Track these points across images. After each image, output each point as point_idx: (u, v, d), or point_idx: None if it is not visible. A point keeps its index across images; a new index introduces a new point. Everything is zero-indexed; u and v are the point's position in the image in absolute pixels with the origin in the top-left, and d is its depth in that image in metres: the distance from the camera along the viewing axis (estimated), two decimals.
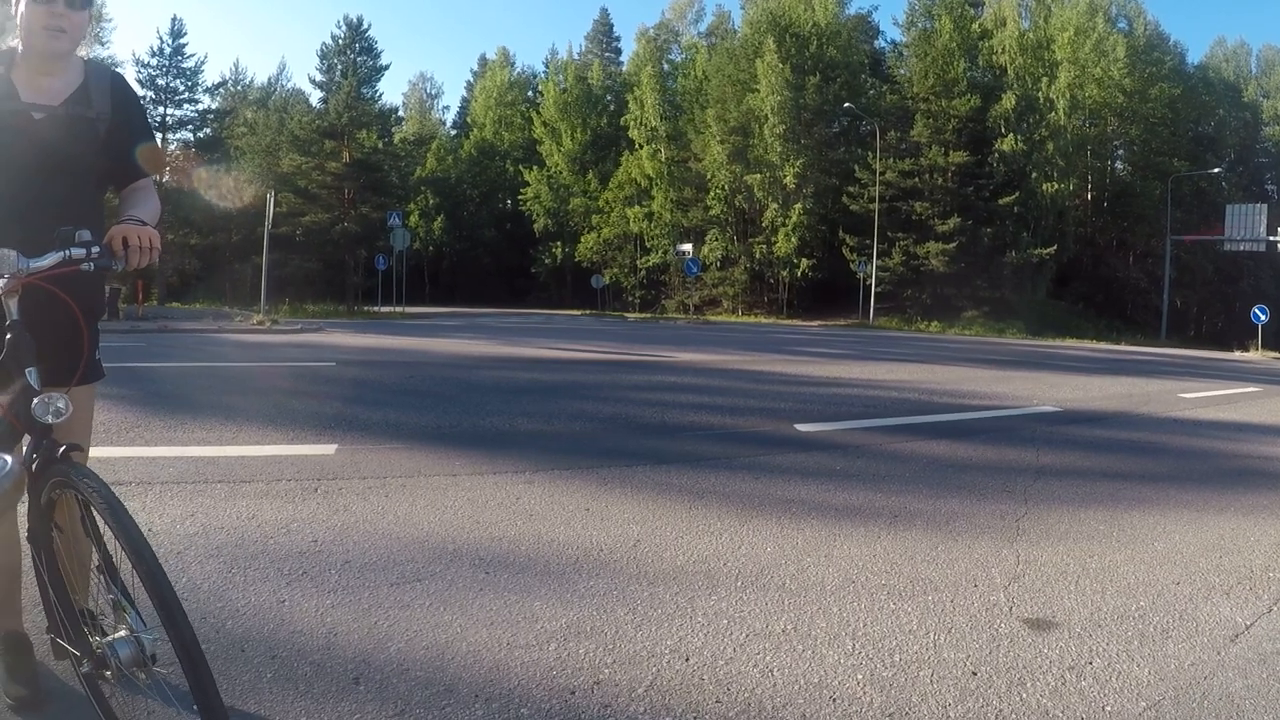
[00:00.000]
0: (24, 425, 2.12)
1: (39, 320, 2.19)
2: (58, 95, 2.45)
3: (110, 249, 2.23)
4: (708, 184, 57.87)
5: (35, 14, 2.32)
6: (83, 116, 2.47)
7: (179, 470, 5.51)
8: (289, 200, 50.03)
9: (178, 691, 2.02)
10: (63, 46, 2.41)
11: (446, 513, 4.76)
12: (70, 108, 2.46)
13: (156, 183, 2.81)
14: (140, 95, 2.93)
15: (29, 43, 2.37)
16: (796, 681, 2.79)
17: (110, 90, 2.57)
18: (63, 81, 2.47)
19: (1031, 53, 52.56)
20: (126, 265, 2.27)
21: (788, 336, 27.04)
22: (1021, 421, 8.70)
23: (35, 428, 2.10)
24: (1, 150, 2.32)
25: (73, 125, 2.45)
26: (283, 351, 15.60)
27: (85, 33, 2.51)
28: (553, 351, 16.73)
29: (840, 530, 4.58)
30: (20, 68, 2.40)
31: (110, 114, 2.54)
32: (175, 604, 1.88)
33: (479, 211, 79.51)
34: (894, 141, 50.89)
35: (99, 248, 2.20)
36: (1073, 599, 3.57)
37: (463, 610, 3.33)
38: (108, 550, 2.06)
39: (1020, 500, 5.30)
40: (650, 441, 7.13)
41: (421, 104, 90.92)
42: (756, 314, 53.94)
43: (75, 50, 2.49)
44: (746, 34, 59.27)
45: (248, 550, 3.97)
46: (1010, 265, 48.77)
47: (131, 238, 2.24)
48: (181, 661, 1.84)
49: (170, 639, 1.84)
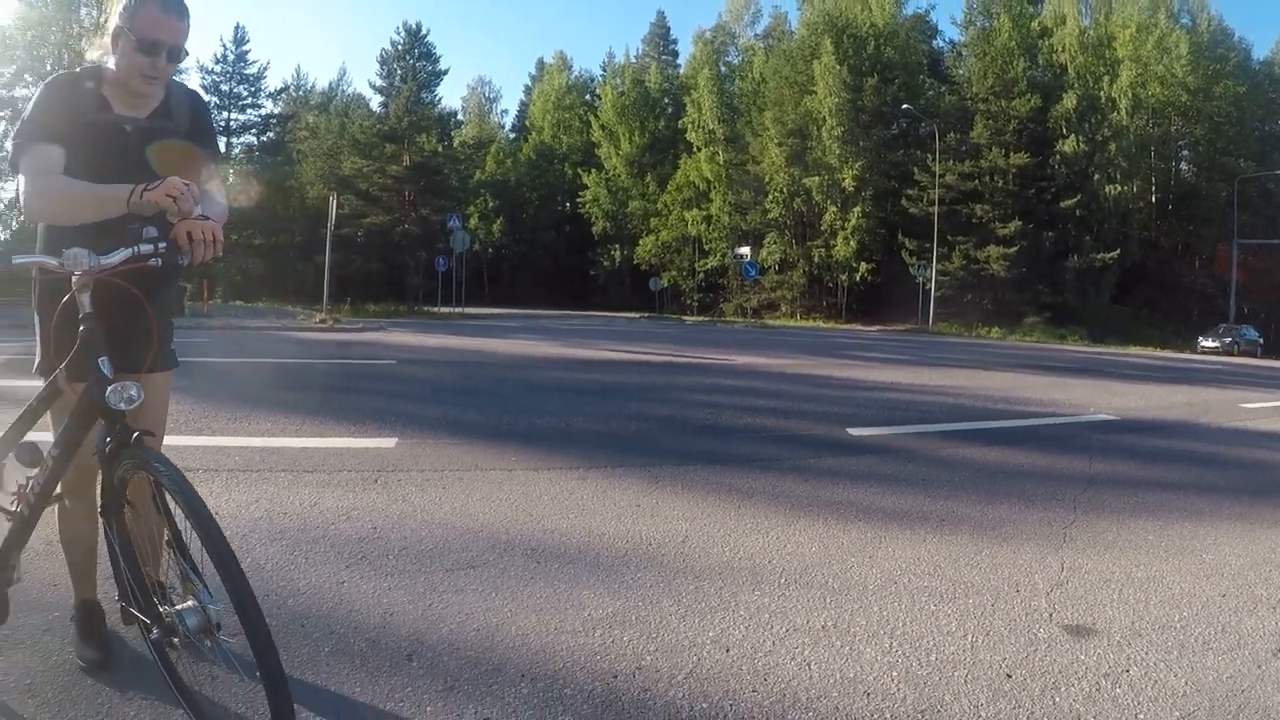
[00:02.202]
0: (99, 411, 2.25)
1: (112, 313, 2.35)
2: (144, 109, 2.63)
3: (175, 244, 2.34)
4: (766, 187, 57.74)
5: (137, 61, 2.49)
6: (165, 129, 2.66)
7: (244, 459, 5.71)
8: (350, 202, 50.91)
9: (241, 659, 2.13)
10: (153, 90, 2.62)
11: (501, 505, 4.89)
12: (155, 120, 2.65)
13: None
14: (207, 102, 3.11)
15: (125, 79, 2.54)
16: (832, 675, 2.85)
17: (189, 106, 2.77)
18: (149, 97, 2.65)
19: (1092, 51, 51.72)
20: (191, 259, 2.37)
21: (845, 341, 26.93)
22: (1076, 429, 8.63)
23: (109, 413, 2.23)
24: (93, 156, 2.47)
25: (158, 135, 2.63)
26: (345, 349, 15.89)
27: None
28: (609, 353, 16.86)
29: (886, 532, 4.62)
30: (110, 86, 2.57)
31: (188, 127, 2.74)
32: (239, 574, 2.00)
33: (538, 214, 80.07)
34: (953, 143, 50.41)
35: (165, 244, 2.33)
36: (1115, 607, 3.57)
37: (513, 596, 3.45)
38: (177, 527, 2.19)
39: (1069, 508, 5.28)
40: (703, 442, 7.21)
41: (480, 108, 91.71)
42: (815, 318, 53.72)
43: None
44: (803, 35, 59.11)
45: (309, 535, 4.14)
46: (1072, 270, 48.12)
47: (195, 232, 2.34)
48: (244, 626, 1.97)
49: (234, 606, 1.98)
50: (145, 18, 2.46)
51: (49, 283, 2.51)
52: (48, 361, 2.54)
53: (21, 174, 2.41)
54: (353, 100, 75.36)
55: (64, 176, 2.40)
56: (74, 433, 2.34)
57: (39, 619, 2.98)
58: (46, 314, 2.54)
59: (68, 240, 2.30)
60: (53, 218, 2.44)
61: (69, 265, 2.21)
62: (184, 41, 2.57)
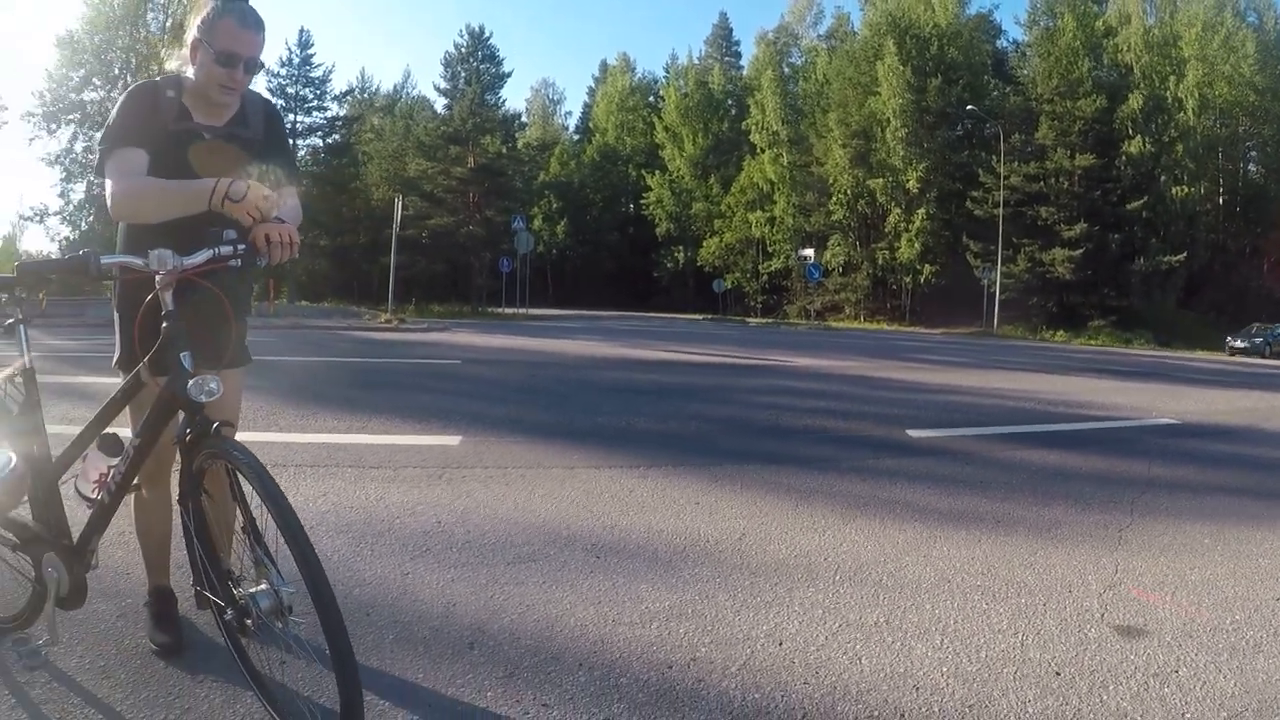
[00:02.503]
0: (180, 403, 2.35)
1: (193, 311, 2.46)
2: (222, 118, 2.77)
3: (254, 246, 2.46)
4: (830, 188, 57.44)
5: (215, 73, 2.62)
6: (241, 136, 2.80)
7: (312, 455, 5.87)
8: (415, 204, 51.48)
9: (311, 644, 2.24)
10: (231, 100, 2.74)
11: (563, 501, 4.98)
12: (232, 128, 2.79)
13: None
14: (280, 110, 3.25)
15: (203, 89, 2.67)
16: (883, 670, 2.88)
17: (264, 116, 2.90)
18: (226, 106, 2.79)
19: (1158, 50, 50.66)
20: (269, 260, 2.50)
21: (908, 344, 26.72)
22: (1136, 433, 8.51)
23: (189, 405, 2.32)
24: (175, 162, 2.60)
25: (234, 143, 2.77)
26: (410, 349, 16.14)
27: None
28: (672, 354, 16.93)
29: (941, 532, 4.62)
30: (190, 95, 2.71)
31: (263, 134, 2.88)
32: (314, 559, 2.09)
33: (601, 215, 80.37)
34: (1018, 144, 49.60)
35: (244, 245, 2.46)
36: (1167, 609, 3.55)
37: (573, 589, 3.53)
38: (252, 514, 2.27)
39: (1126, 511, 5.22)
40: (763, 442, 7.24)
41: (544, 110, 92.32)
42: (879, 320, 53.35)
43: None
44: (866, 36, 58.70)
45: (375, 528, 4.26)
46: (1138, 273, 47.17)
47: (273, 234, 2.45)
48: (317, 609, 2.05)
49: (309, 590, 2.07)
50: (223, 31, 2.58)
51: (131, 282, 2.63)
52: (129, 356, 2.65)
53: (108, 176, 2.53)
54: (417, 102, 76.38)
55: (149, 177, 2.53)
56: (155, 424, 2.45)
57: (113, 605, 3.13)
58: (128, 311, 2.67)
59: (148, 241, 2.42)
60: (139, 216, 2.56)
61: (154, 265, 2.33)
62: (260, 54, 2.69)
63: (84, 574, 2.58)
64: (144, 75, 48.85)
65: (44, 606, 2.57)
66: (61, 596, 2.54)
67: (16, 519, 2.70)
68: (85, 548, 2.57)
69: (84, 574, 2.58)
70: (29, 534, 2.66)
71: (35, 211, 54.02)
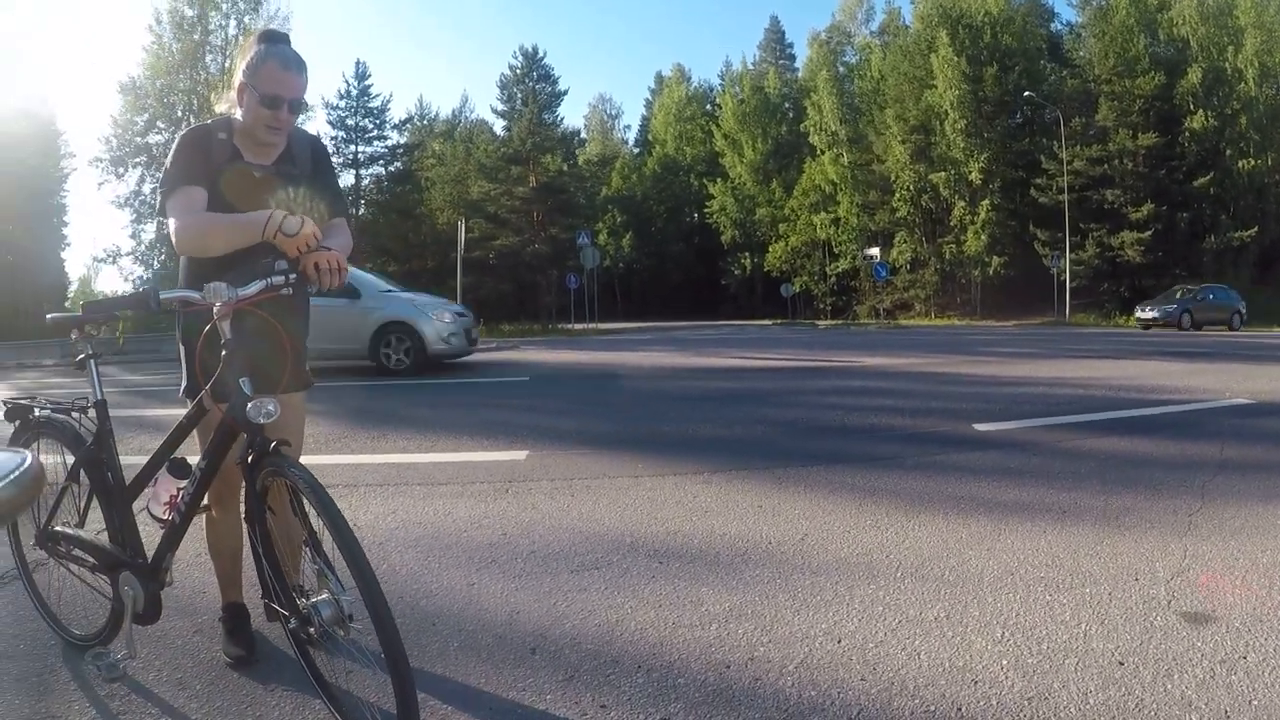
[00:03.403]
0: (240, 426, 2.49)
1: (250, 339, 2.58)
2: (270, 157, 2.91)
3: (304, 274, 2.62)
4: (892, 185, 56.87)
5: (261, 114, 2.75)
6: (289, 173, 2.93)
7: (381, 475, 6.02)
8: (480, 226, 52.04)
9: (373, 652, 2.33)
10: (278, 140, 2.87)
11: (627, 509, 5.04)
12: (280, 166, 2.92)
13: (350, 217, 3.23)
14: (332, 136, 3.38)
15: (250, 129, 2.80)
16: (941, 665, 2.89)
17: (310, 152, 3.04)
18: (275, 146, 2.92)
19: (1214, 20, 48.96)
20: (319, 286, 2.65)
21: (978, 338, 26.34)
22: (1209, 415, 8.30)
23: (250, 427, 2.46)
24: (228, 200, 2.74)
25: (283, 179, 2.90)
26: (479, 369, 16.31)
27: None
28: (740, 360, 16.89)
29: (1006, 525, 4.58)
30: (240, 135, 2.84)
31: (310, 169, 3.01)
32: (366, 566, 2.20)
33: (666, 226, 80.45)
34: (1079, 128, 48.47)
35: (295, 274, 2.61)
36: (1236, 594, 3.48)
37: (634, 594, 3.59)
38: (312, 527, 2.40)
39: (1196, 495, 5.12)
40: (828, 443, 7.23)
41: (603, 125, 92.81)
42: (949, 316, 52.60)
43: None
44: (919, 29, 57.94)
45: (442, 542, 4.37)
46: (1209, 251, 45.81)
47: (321, 262, 2.61)
48: (370, 611, 2.16)
49: (361, 594, 2.18)
50: (266, 75, 2.72)
51: (191, 315, 2.77)
52: (194, 384, 2.80)
53: (170, 215, 2.68)
54: (476, 126, 77.29)
55: (208, 212, 2.68)
56: (219, 447, 2.61)
57: (188, 622, 3.31)
58: (190, 342, 2.81)
59: (207, 275, 2.54)
60: (201, 250, 2.69)
61: (209, 297, 2.45)
62: (303, 94, 2.83)
63: (159, 591, 2.74)
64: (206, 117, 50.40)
65: (122, 623, 2.72)
66: (138, 613, 2.70)
67: (95, 542, 2.86)
68: (159, 566, 2.73)
69: (159, 591, 2.74)
70: (106, 555, 2.82)
71: (108, 253, 56.01)
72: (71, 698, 2.78)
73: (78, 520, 3.03)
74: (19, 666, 3.02)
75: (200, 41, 50.94)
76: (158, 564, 2.73)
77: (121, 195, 51.12)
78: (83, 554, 2.92)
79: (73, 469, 3.00)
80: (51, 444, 3.07)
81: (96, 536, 2.88)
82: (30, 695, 2.80)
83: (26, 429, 3.12)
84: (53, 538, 3.06)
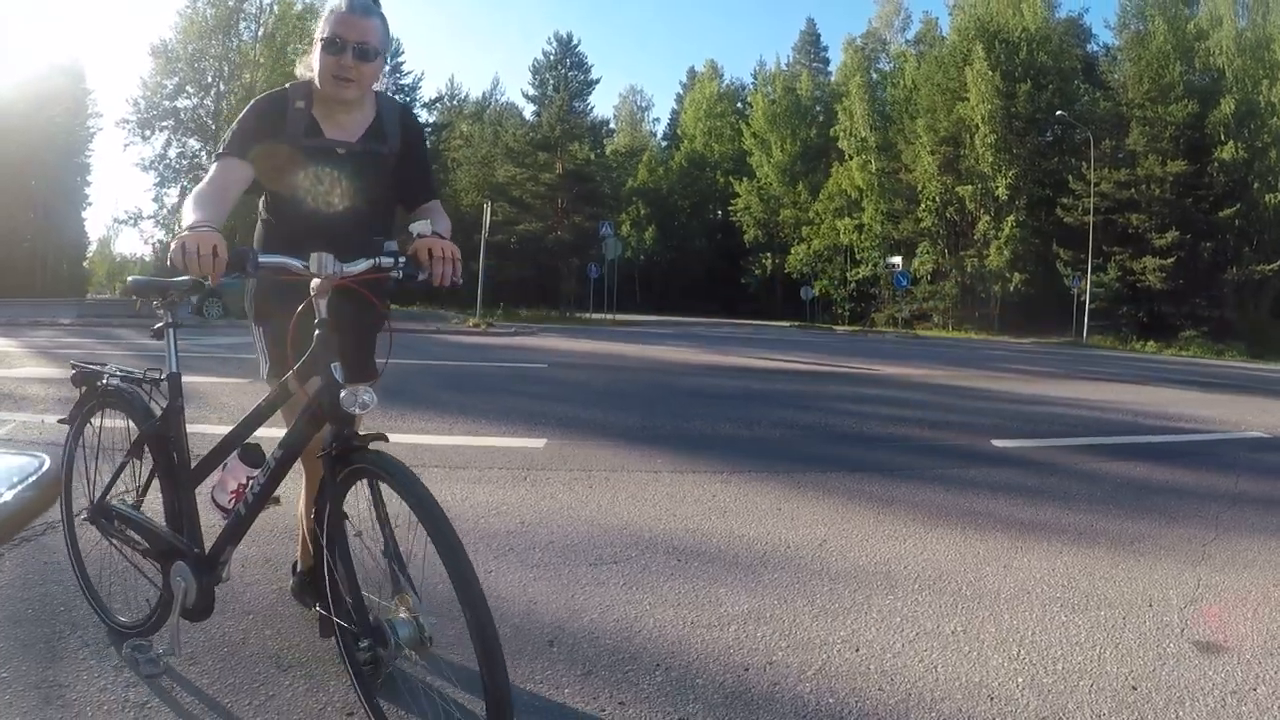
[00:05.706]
0: (327, 414, 2.24)
1: (343, 320, 2.33)
2: (355, 132, 2.69)
3: (416, 260, 2.39)
4: (918, 195, 56.60)
5: (326, 63, 2.53)
6: (377, 152, 2.72)
7: (400, 455, 5.92)
8: (504, 210, 52.03)
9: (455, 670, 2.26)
10: (350, 94, 2.59)
11: (645, 505, 5.04)
12: (366, 143, 2.70)
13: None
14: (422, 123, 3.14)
15: (322, 85, 2.58)
16: (958, 679, 2.87)
17: (401, 125, 2.81)
18: (360, 116, 2.71)
19: (1250, 53, 48.43)
20: (431, 275, 2.41)
21: (996, 353, 26.24)
22: (1225, 446, 8.27)
23: (340, 417, 2.21)
24: (311, 179, 2.59)
25: (370, 159, 2.71)
26: (497, 353, 16.36)
27: (376, 79, 2.68)
28: (759, 361, 16.88)
29: (1023, 543, 4.57)
30: (319, 105, 2.64)
31: (400, 147, 2.78)
32: (473, 580, 2.05)
33: (690, 222, 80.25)
34: (1109, 150, 48.21)
35: (405, 258, 2.38)
36: (1248, 625, 3.47)
37: (652, 591, 3.58)
38: (394, 535, 2.20)
39: (1211, 525, 5.09)
40: (846, 450, 7.22)
41: (632, 116, 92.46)
42: (967, 329, 52.34)
43: (364, 95, 2.68)
44: (955, 41, 57.58)
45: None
46: (1231, 282, 45.43)
47: (436, 249, 2.39)
48: (472, 634, 2.01)
49: (464, 613, 2.02)
50: (331, 19, 2.53)
51: (263, 292, 2.64)
52: (276, 366, 2.62)
53: None
54: (506, 109, 77.10)
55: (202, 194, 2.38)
56: (301, 435, 2.35)
57: (238, 625, 3.07)
58: (267, 319, 2.65)
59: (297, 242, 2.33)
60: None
61: (314, 268, 2.23)
62: (372, 40, 2.56)
63: (213, 586, 2.50)
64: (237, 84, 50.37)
65: (169, 616, 2.52)
66: (187, 606, 2.48)
67: (151, 525, 2.70)
68: (217, 559, 2.49)
69: (213, 586, 2.50)
70: (161, 541, 2.63)
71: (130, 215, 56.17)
72: (80, 667, 2.68)
73: (135, 499, 2.85)
74: (25, 632, 2.91)
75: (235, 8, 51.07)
76: (215, 556, 2.48)
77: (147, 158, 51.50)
78: (136, 536, 2.72)
79: (135, 443, 2.83)
80: (115, 413, 2.92)
81: (153, 519, 2.70)
82: (38, 662, 2.70)
83: (92, 396, 3.00)
84: (106, 513, 2.86)
